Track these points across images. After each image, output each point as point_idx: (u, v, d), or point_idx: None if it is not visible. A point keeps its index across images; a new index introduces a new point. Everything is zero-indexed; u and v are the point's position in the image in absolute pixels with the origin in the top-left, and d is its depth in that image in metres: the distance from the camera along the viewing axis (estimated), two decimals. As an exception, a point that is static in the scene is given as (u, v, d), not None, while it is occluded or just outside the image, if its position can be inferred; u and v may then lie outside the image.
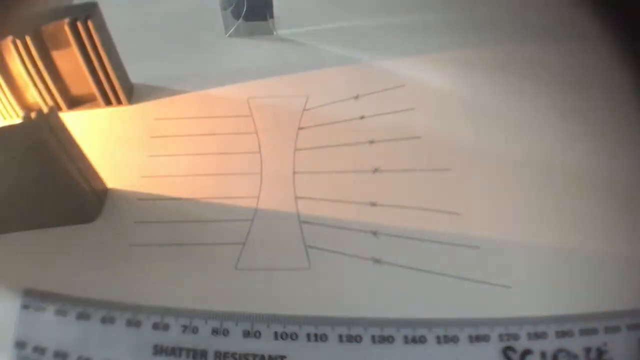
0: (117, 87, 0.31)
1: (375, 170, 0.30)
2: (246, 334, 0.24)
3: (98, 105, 0.31)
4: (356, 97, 0.33)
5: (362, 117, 0.32)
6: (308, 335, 0.23)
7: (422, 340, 0.23)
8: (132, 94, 0.33)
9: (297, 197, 0.29)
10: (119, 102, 0.32)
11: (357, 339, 0.23)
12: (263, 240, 0.27)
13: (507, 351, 0.22)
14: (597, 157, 0.30)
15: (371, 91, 0.34)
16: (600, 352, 0.22)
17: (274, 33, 0.38)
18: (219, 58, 0.37)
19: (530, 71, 0.34)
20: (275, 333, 0.23)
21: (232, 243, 0.27)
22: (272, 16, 0.38)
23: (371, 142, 0.31)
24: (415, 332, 0.23)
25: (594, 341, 0.23)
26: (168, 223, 0.28)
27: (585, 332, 0.23)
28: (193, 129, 0.32)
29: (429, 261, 0.26)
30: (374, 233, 0.27)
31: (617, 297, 0.24)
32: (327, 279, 0.26)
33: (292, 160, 0.31)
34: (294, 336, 0.23)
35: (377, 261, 0.26)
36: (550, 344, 0.23)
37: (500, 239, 0.26)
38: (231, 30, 0.38)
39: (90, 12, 0.27)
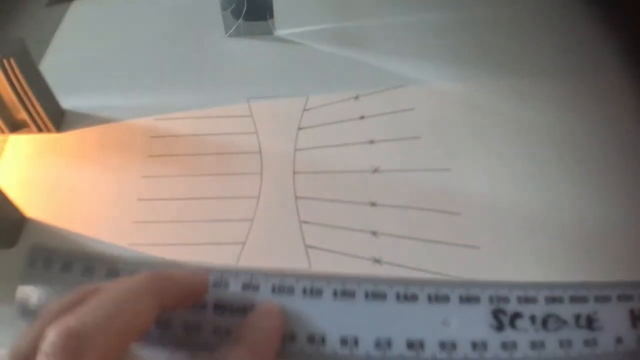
0: (44, 117, 0.31)
1: (375, 170, 0.30)
2: (246, 287, 0.24)
3: (32, 131, 0.32)
4: (356, 97, 0.33)
5: (362, 117, 0.32)
6: (304, 290, 0.24)
7: (413, 298, 0.23)
8: (63, 122, 0.33)
9: (297, 197, 0.29)
10: (48, 130, 0.32)
11: (351, 294, 0.24)
12: (263, 240, 0.27)
13: (497, 313, 0.23)
14: (599, 150, 0.30)
15: (371, 91, 0.34)
16: (590, 320, 0.22)
17: (274, 33, 0.38)
18: (219, 58, 0.37)
19: (531, 70, 0.34)
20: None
21: (232, 243, 0.27)
22: (272, 16, 0.37)
23: (371, 142, 0.31)
24: (407, 290, 0.23)
25: (584, 309, 0.23)
26: (167, 223, 0.28)
27: (575, 299, 0.23)
28: (192, 129, 0.32)
29: (428, 261, 0.26)
30: (374, 233, 0.27)
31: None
32: (327, 279, 0.26)
33: (292, 160, 0.31)
34: (290, 290, 0.24)
35: (377, 261, 0.26)
36: (540, 309, 0.23)
37: (501, 239, 0.27)
38: (231, 30, 0.38)
39: (15, 51, 0.29)
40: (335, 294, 0.24)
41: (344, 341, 0.23)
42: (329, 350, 0.23)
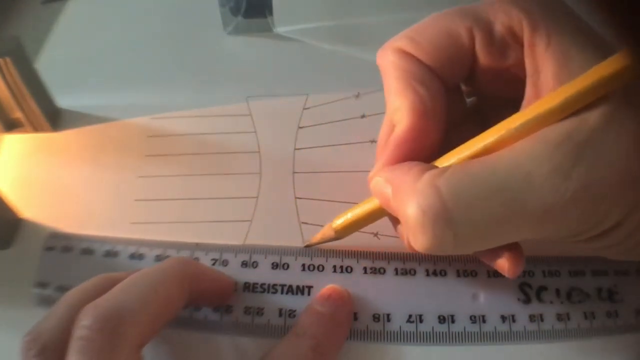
0: (39, 116, 0.31)
1: (377, 170, 0.29)
2: (275, 266, 0.25)
3: (27, 131, 0.32)
4: (357, 96, 0.33)
5: (363, 116, 0.32)
6: (334, 267, 0.25)
7: (442, 273, 0.24)
8: (58, 121, 0.33)
9: (296, 198, 0.28)
10: (44, 129, 0.32)
11: (380, 271, 0.24)
12: (262, 241, 0.27)
13: (523, 287, 0.24)
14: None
15: (372, 89, 0.33)
16: (611, 293, 0.24)
17: (274, 30, 0.38)
18: (217, 56, 0.37)
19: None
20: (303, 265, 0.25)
21: (231, 244, 0.27)
22: (271, 13, 0.37)
23: (372, 141, 0.31)
24: (436, 266, 0.24)
25: (605, 282, 0.24)
26: (164, 224, 0.28)
27: (596, 273, 0.24)
28: (190, 128, 0.32)
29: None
30: (375, 234, 0.27)
31: None
32: (328, 281, 0.25)
33: (292, 160, 0.30)
34: (320, 268, 0.25)
35: (378, 263, 0.26)
36: (564, 282, 0.24)
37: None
38: (230, 28, 0.38)
39: (10, 49, 0.28)
40: (365, 270, 0.24)
41: (376, 317, 0.23)
42: (362, 326, 0.23)
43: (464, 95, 0.24)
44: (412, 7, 0.39)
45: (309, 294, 0.24)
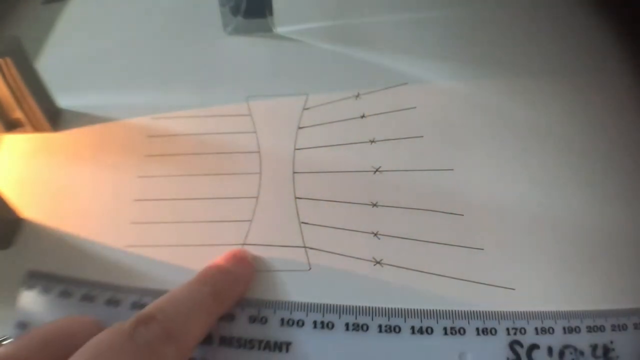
0: (40, 116, 0.31)
1: (377, 170, 0.29)
2: (252, 319, 0.24)
3: (28, 131, 0.32)
4: (357, 96, 0.33)
5: (363, 116, 0.32)
6: (315, 323, 0.23)
7: (429, 331, 0.23)
8: (59, 121, 0.33)
9: (296, 198, 0.28)
10: (44, 129, 0.32)
11: (363, 327, 0.23)
12: (262, 241, 0.27)
13: (513, 345, 0.22)
14: (606, 155, 0.29)
15: (372, 90, 0.33)
16: (607, 350, 0.22)
17: (274, 30, 0.38)
18: (217, 56, 0.37)
19: (535, 69, 0.34)
20: (282, 319, 0.24)
21: (231, 244, 0.27)
22: (271, 13, 0.37)
23: (372, 141, 0.30)
24: (422, 323, 0.23)
25: (601, 338, 0.23)
26: (164, 224, 0.28)
27: (592, 329, 0.23)
28: (190, 128, 0.32)
29: (431, 263, 0.25)
30: (375, 234, 0.27)
31: (625, 296, 0.24)
32: (328, 281, 0.25)
33: (292, 160, 0.30)
34: (300, 323, 0.24)
35: (378, 263, 0.26)
36: (557, 340, 0.23)
37: (505, 240, 0.26)
38: (230, 28, 0.38)
39: (10, 49, 0.28)
40: (347, 327, 0.23)
41: None
42: None
43: None
44: (412, 8, 0.39)
45: (287, 351, 0.23)
